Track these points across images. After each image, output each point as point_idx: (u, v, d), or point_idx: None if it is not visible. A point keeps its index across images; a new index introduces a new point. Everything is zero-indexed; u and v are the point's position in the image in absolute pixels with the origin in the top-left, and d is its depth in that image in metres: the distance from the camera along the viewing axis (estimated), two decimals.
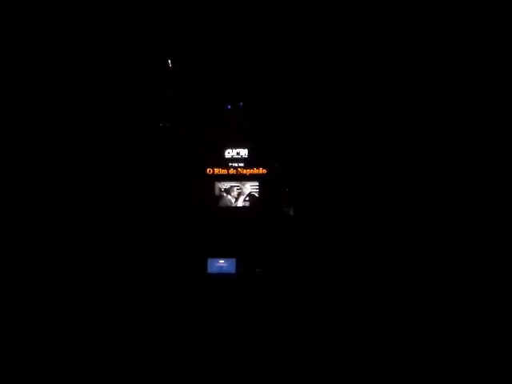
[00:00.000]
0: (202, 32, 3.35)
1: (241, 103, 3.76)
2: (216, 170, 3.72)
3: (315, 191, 3.56)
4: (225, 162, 3.73)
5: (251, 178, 3.69)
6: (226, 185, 3.70)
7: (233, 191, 3.69)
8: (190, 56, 3.54)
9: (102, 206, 3.43)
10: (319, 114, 3.58)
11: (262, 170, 3.69)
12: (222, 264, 3.51)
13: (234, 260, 3.51)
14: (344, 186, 3.48)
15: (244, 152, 3.74)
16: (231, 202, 3.69)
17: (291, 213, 3.57)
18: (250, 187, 3.68)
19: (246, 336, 3.07)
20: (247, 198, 3.68)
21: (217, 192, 3.70)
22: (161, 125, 3.75)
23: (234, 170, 3.71)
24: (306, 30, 3.30)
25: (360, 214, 3.37)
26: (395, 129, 3.36)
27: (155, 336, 3.02)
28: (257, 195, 3.67)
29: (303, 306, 3.16)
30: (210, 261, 3.51)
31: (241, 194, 3.68)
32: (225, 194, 3.69)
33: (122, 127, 3.57)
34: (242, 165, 3.72)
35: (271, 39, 3.37)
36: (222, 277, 3.48)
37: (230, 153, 3.75)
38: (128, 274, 3.30)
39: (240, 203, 3.68)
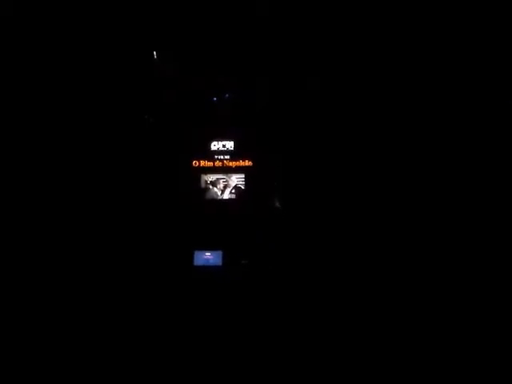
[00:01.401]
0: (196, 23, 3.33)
1: (227, 95, 3.73)
2: (202, 163, 3.70)
3: (302, 184, 3.58)
4: (211, 155, 3.72)
5: (237, 170, 3.68)
6: (211, 177, 3.69)
7: (219, 184, 3.68)
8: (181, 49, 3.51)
9: (86, 198, 3.41)
10: (307, 108, 3.59)
11: (248, 163, 3.68)
12: (208, 256, 3.51)
13: (220, 252, 3.51)
14: (332, 179, 3.50)
15: (230, 144, 3.72)
16: (217, 195, 3.68)
17: (278, 205, 3.58)
18: (236, 180, 3.67)
19: (233, 329, 3.09)
20: (233, 191, 3.67)
21: (203, 184, 3.68)
22: (146, 117, 3.71)
23: (220, 163, 3.70)
24: (296, 27, 3.29)
25: (348, 207, 3.39)
26: (383, 125, 3.39)
27: (141, 329, 3.03)
28: (243, 188, 3.66)
29: (291, 298, 3.19)
30: (196, 253, 3.51)
31: (227, 186, 3.67)
32: (211, 187, 3.68)
33: (105, 121, 3.53)
34: (227, 157, 3.71)
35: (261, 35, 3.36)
36: (208, 269, 3.49)
37: (215, 145, 3.73)
38: (113, 267, 3.29)
39: (226, 196, 3.67)
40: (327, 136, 3.54)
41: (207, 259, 3.51)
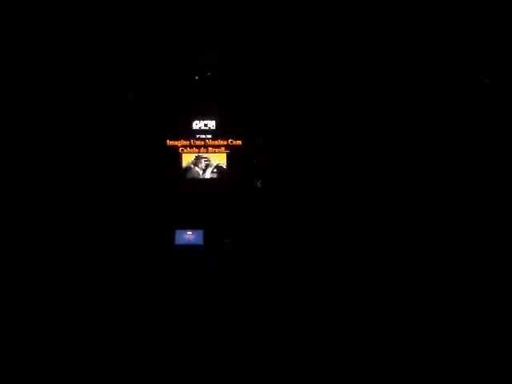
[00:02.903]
0: None
1: (208, 73, 3.70)
2: (183, 142, 3.67)
3: (283, 164, 3.58)
4: (192, 134, 3.69)
5: (219, 149, 3.66)
6: (193, 156, 3.66)
7: (200, 163, 3.66)
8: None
9: (66, 178, 3.38)
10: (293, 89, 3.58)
11: (230, 142, 3.66)
12: (189, 235, 3.51)
13: (201, 231, 3.51)
14: (315, 159, 3.50)
15: (212, 123, 3.70)
16: (199, 174, 3.66)
17: (259, 184, 3.58)
18: (218, 159, 3.66)
19: (215, 308, 3.10)
20: (215, 170, 3.66)
21: (184, 164, 3.66)
22: (128, 97, 3.68)
23: (202, 142, 3.68)
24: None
25: (333, 189, 3.41)
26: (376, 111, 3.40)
27: (124, 310, 3.03)
28: (224, 167, 3.65)
29: (275, 279, 3.20)
30: (177, 232, 3.51)
31: (208, 165, 3.66)
32: (192, 166, 3.66)
33: (88, 102, 3.49)
34: (209, 136, 3.68)
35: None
36: (189, 248, 3.49)
37: (197, 124, 3.70)
38: (94, 247, 3.28)
39: (208, 175, 3.66)
40: (314, 120, 3.54)
41: (188, 238, 3.51)
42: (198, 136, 3.69)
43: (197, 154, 3.67)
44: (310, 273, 3.21)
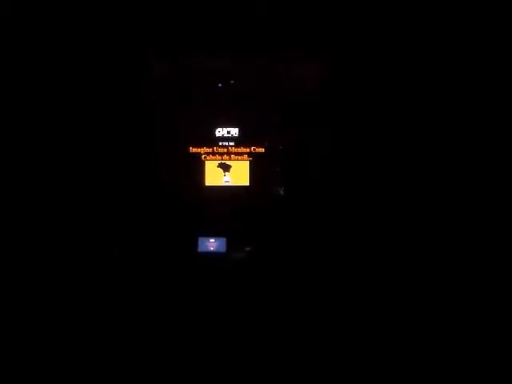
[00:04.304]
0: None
1: (232, 81, 3.70)
2: (207, 149, 3.69)
3: (306, 171, 3.58)
4: (215, 141, 3.69)
5: (242, 156, 3.67)
6: (216, 164, 3.67)
7: (223, 170, 3.66)
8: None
9: (87, 184, 3.38)
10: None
11: (253, 149, 3.67)
12: (212, 243, 3.52)
13: (224, 239, 3.52)
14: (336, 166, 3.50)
15: (235, 131, 3.70)
16: (222, 181, 3.67)
17: (281, 192, 3.58)
18: (241, 166, 3.66)
19: (236, 316, 3.10)
20: (238, 177, 3.65)
21: (207, 171, 3.67)
22: (152, 102, 3.69)
23: (225, 149, 3.68)
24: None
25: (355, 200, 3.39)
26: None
27: (144, 316, 3.03)
28: (248, 174, 3.65)
29: (293, 286, 3.20)
30: (200, 240, 3.52)
31: (231, 172, 3.66)
32: (215, 173, 3.66)
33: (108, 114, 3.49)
34: (232, 144, 3.69)
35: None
36: (212, 256, 3.50)
37: (220, 132, 3.70)
38: (117, 253, 3.29)
39: (231, 182, 3.66)
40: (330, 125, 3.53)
41: (211, 246, 3.52)
42: (220, 143, 3.69)
43: (219, 162, 3.67)
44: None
